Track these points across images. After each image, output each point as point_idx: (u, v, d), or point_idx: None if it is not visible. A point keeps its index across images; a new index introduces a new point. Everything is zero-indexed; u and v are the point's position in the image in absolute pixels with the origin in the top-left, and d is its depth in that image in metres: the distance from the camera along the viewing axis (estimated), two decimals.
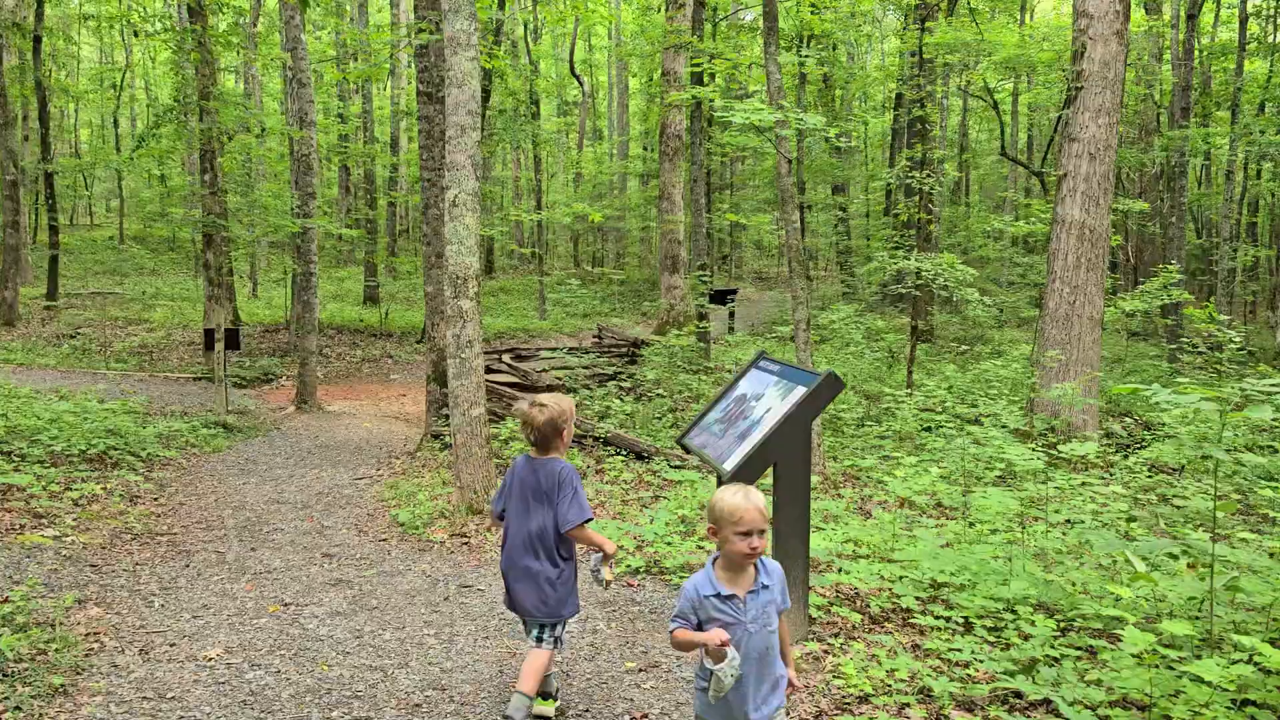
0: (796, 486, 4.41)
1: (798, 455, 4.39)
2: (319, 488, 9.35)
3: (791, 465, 4.39)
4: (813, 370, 4.57)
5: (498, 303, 28.67)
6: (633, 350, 17.38)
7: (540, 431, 4.00)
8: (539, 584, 3.92)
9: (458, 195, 7.22)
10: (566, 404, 4.06)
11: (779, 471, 4.40)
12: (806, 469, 4.41)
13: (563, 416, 4.00)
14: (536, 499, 3.97)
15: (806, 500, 4.43)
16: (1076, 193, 10.87)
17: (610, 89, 49.30)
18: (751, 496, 2.90)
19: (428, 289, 11.16)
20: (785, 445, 4.36)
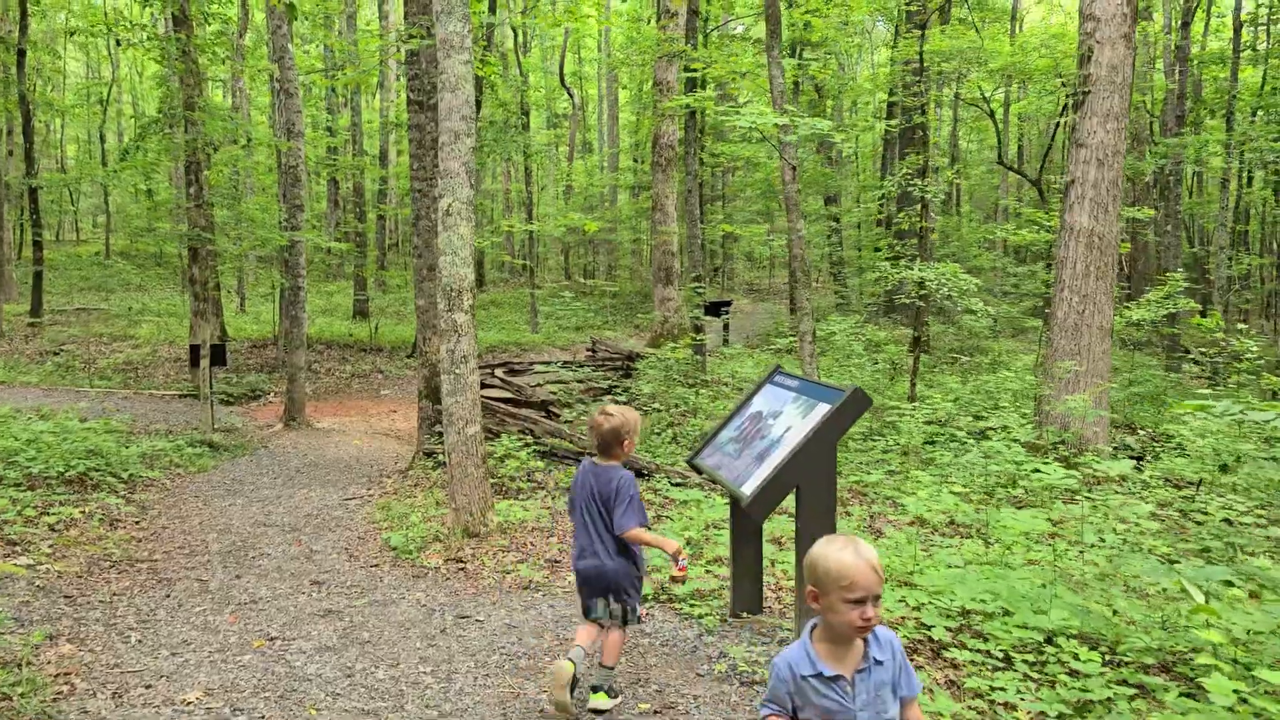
0: (821, 512, 4.10)
1: (822, 478, 4.08)
2: (308, 509, 9.00)
3: (816, 489, 4.09)
4: (835, 386, 4.27)
5: (489, 316, 28.34)
6: (627, 363, 17.08)
7: (604, 438, 4.23)
8: (605, 574, 4.20)
9: (451, 204, 6.91)
10: (633, 416, 4.26)
11: (802, 496, 4.09)
12: (832, 493, 4.10)
13: (626, 427, 4.21)
14: (598, 502, 4.21)
15: (833, 528, 4.12)
16: (1085, 199, 10.62)
17: (600, 101, 49.12)
18: (863, 552, 2.40)
19: (419, 302, 10.84)
20: (809, 467, 4.06)
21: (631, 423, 4.22)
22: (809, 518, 4.10)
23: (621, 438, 4.19)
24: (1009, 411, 10.54)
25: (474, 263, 7.09)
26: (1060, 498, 8.01)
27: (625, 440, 4.21)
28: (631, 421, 4.23)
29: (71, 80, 43.57)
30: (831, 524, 4.12)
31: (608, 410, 4.26)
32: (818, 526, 4.10)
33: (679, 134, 22.79)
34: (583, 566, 4.27)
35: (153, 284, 31.24)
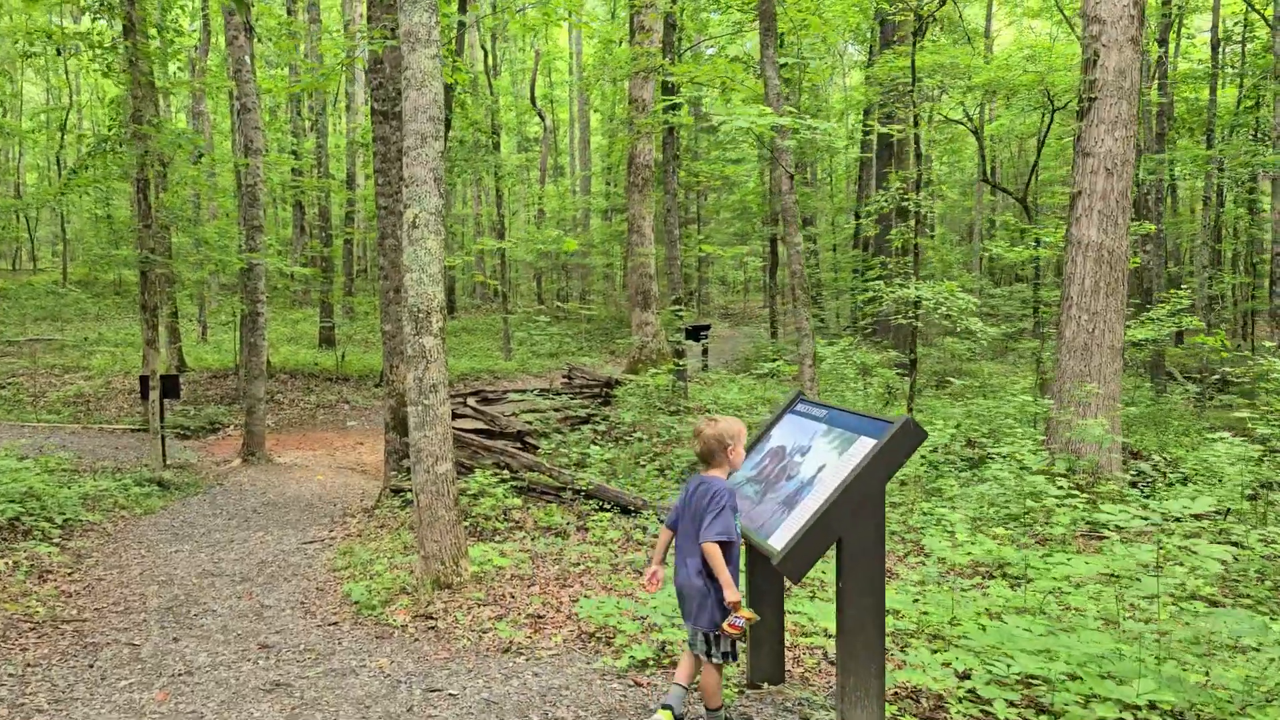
0: (869, 570, 3.39)
1: (869, 529, 3.37)
2: (262, 555, 8.17)
3: (862, 542, 3.37)
4: (875, 416, 3.57)
5: (460, 343, 27.52)
6: (606, 390, 16.38)
7: (706, 445, 4.02)
8: (702, 599, 3.91)
9: (418, 215, 6.17)
10: (737, 426, 4.04)
11: (845, 550, 3.37)
12: (880, 546, 3.39)
13: (729, 434, 3.99)
14: (694, 516, 3.96)
15: (881, 588, 3.40)
16: (1093, 212, 10.03)
17: (571, 124, 48.60)
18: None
19: (385, 328, 10.07)
20: (853, 516, 3.34)
21: (734, 430, 3.99)
22: (855, 576, 3.38)
23: (726, 444, 3.96)
24: (1018, 438, 9.88)
25: (444, 283, 6.35)
26: (1091, 533, 7.35)
27: (729, 447, 3.97)
28: (737, 431, 4.00)
29: (30, 105, 42.49)
30: (880, 584, 3.40)
31: (712, 417, 4.08)
32: (864, 587, 3.38)
33: (655, 153, 22.18)
34: (676, 576, 4.09)
35: (111, 313, 30.15)
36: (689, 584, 3.93)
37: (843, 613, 3.39)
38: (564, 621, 5.65)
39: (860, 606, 3.38)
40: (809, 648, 5.06)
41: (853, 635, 3.40)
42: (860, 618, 3.39)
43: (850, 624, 3.39)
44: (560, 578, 6.68)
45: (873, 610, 3.40)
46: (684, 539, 4.02)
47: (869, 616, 3.39)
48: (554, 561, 7.21)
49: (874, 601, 3.39)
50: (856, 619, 3.39)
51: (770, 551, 3.44)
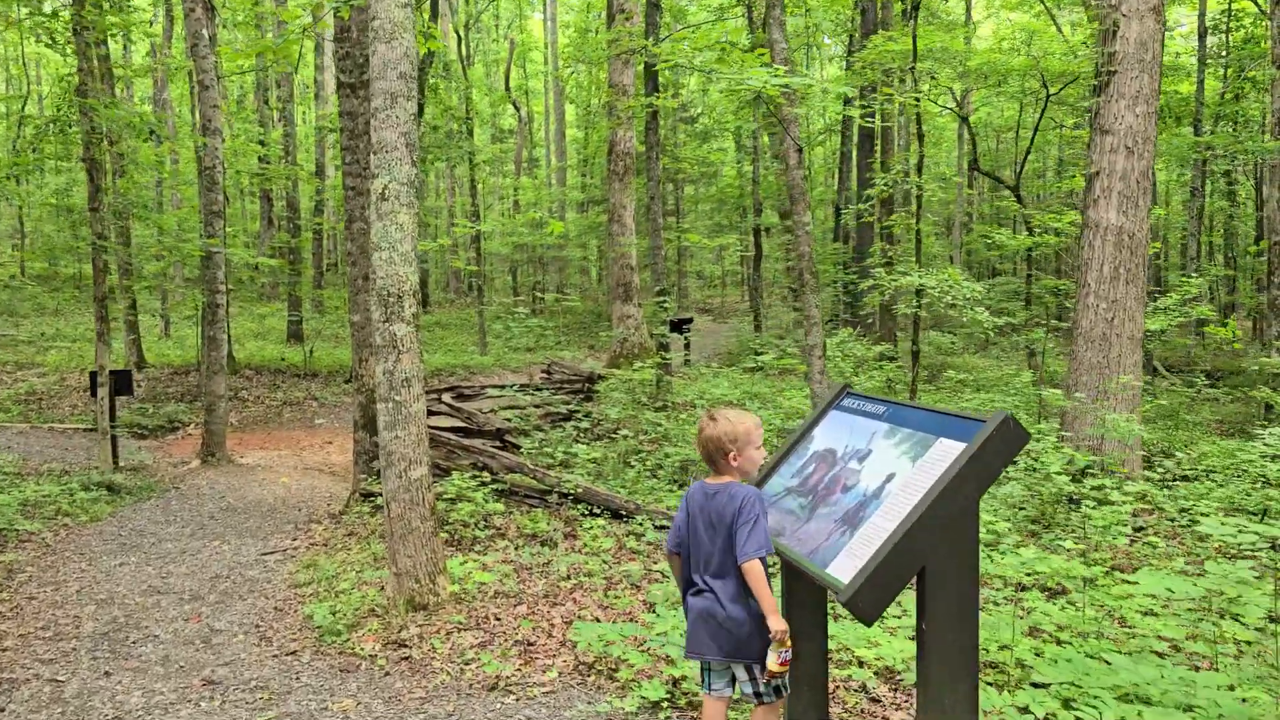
0: (961, 608, 2.69)
1: (961, 555, 2.67)
2: (216, 568, 7.39)
3: (952, 572, 2.67)
4: (959, 413, 2.87)
5: (434, 338, 26.69)
6: (588, 386, 15.68)
7: (704, 447, 3.39)
8: (719, 625, 3.28)
9: (388, 185, 5.42)
10: (743, 426, 3.34)
11: (931, 582, 2.67)
12: (974, 577, 2.69)
13: (732, 437, 3.31)
14: (710, 528, 3.32)
15: (975, 630, 2.70)
16: (1112, 193, 9.41)
17: (547, 116, 47.79)
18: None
19: (353, 318, 9.30)
20: (941, 539, 2.64)
21: (741, 434, 3.31)
22: (943, 616, 2.68)
23: (726, 450, 3.31)
24: (1034, 435, 9.24)
25: (418, 263, 5.60)
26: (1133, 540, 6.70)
27: (731, 453, 3.31)
28: (741, 432, 3.31)
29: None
30: (974, 625, 2.70)
31: (712, 413, 3.39)
32: (956, 628, 2.68)
33: (636, 142, 21.45)
34: (695, 602, 3.35)
35: (70, 308, 29.05)
36: (723, 613, 3.26)
37: (926, 659, 2.69)
38: (558, 649, 4.93)
39: (949, 653, 2.68)
40: (844, 682, 4.37)
41: (938, 689, 2.69)
42: (950, 667, 2.69)
43: (935, 675, 2.69)
44: (550, 595, 5.95)
45: (964, 658, 2.70)
46: (701, 559, 3.36)
47: (960, 666, 2.69)
48: (541, 574, 6.49)
49: (966, 647, 2.69)
50: (944, 668, 2.69)
51: (832, 584, 2.73)
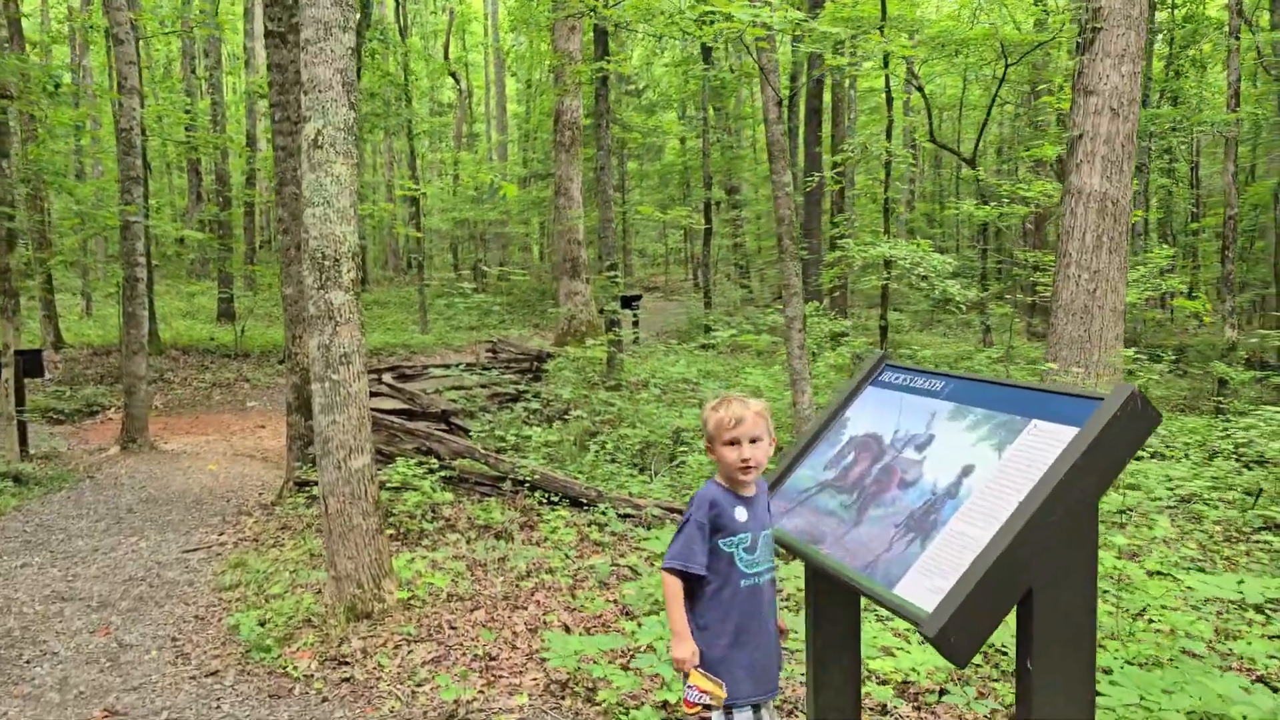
0: (1077, 640, 2.09)
1: (1080, 571, 2.07)
2: (131, 569, 6.60)
3: (1067, 593, 2.07)
4: (1068, 389, 2.26)
5: (373, 316, 25.71)
6: (536, 365, 15.03)
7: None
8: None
9: (322, 131, 4.68)
10: (710, 416, 2.78)
11: (1041, 608, 2.06)
12: (1093, 602, 2.09)
13: (709, 425, 2.77)
14: None
15: (1091, 667, 2.10)
16: (1095, 157, 8.93)
17: (487, 89, 46.69)
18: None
19: (286, 291, 8.51)
20: (1053, 551, 2.04)
21: (706, 421, 2.76)
22: (1055, 653, 2.07)
23: (709, 440, 2.78)
24: None
25: (358, 221, 4.87)
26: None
27: (709, 447, 2.78)
28: (706, 420, 2.76)
29: None
30: (1091, 662, 2.10)
31: (722, 398, 2.81)
32: (1070, 669, 2.08)
33: (582, 113, 20.68)
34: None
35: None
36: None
37: (1029, 703, 2.08)
38: (524, 665, 4.28)
39: (1062, 701, 2.08)
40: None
41: None
42: (1063, 702, 2.08)
43: (1044, 711, 2.08)
44: (510, 596, 5.29)
45: (1081, 707, 2.09)
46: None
47: (1075, 697, 2.09)
48: (498, 571, 5.83)
49: (1083, 692, 2.09)
50: (1053, 705, 2.08)
51: (909, 613, 2.11)
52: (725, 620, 2.66)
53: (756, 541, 2.70)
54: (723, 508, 2.67)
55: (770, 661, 2.74)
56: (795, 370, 6.77)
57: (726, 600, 2.67)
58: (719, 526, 2.66)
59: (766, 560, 2.73)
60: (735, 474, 2.70)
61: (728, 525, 2.66)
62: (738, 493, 2.71)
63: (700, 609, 2.70)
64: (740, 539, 2.67)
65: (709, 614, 2.68)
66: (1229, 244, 18.87)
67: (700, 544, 2.64)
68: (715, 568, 2.66)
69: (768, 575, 2.74)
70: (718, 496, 2.69)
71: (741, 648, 2.67)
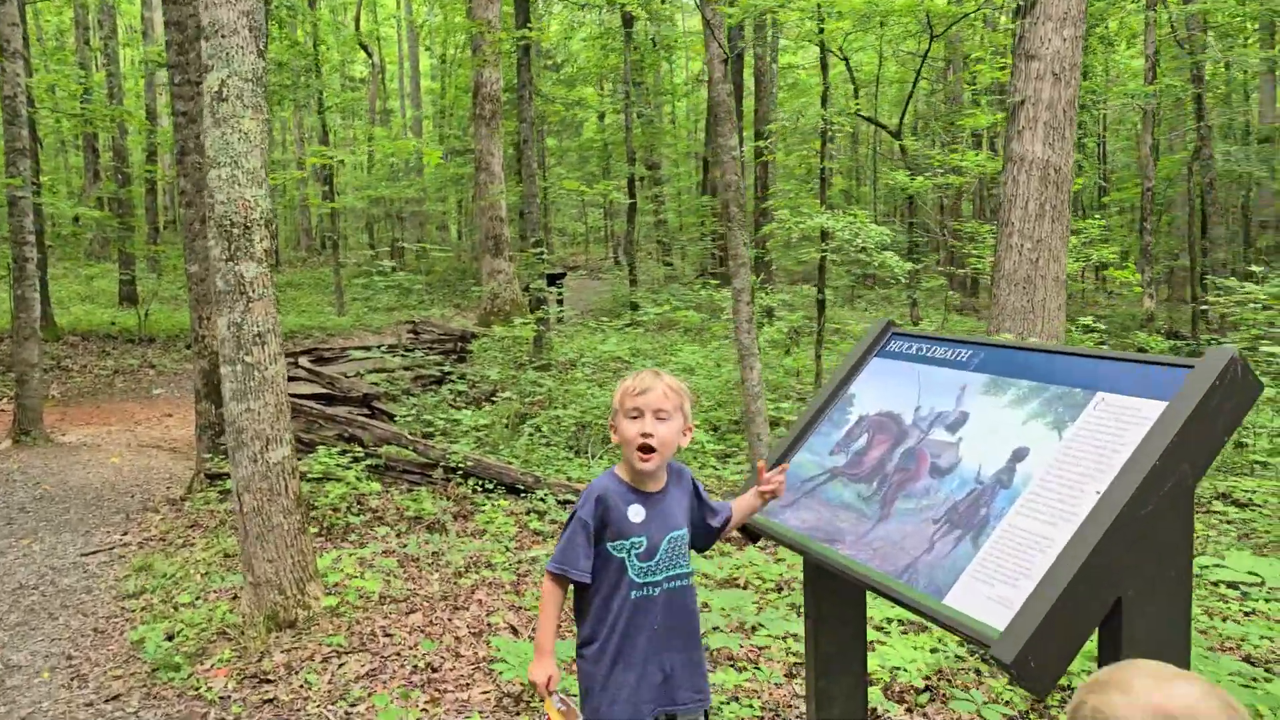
0: (1170, 653, 1.73)
1: (1174, 573, 1.72)
2: (22, 575, 5.97)
3: (1162, 600, 1.72)
4: (1142, 356, 1.91)
5: (286, 298, 24.75)
6: (461, 345, 14.48)
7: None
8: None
9: (227, 81, 4.14)
10: (621, 389, 2.38)
11: (1131, 619, 1.71)
12: (1188, 606, 1.75)
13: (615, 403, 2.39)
14: None
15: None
16: (1038, 123, 8.74)
17: (400, 64, 45.48)
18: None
19: (190, 269, 7.87)
20: (1145, 551, 1.69)
21: (621, 386, 2.39)
22: (1146, 655, 1.73)
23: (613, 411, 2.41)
24: None
25: (268, 186, 4.34)
26: None
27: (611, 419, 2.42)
28: (623, 385, 2.38)
29: None
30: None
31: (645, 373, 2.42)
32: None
33: (504, 81, 20.05)
34: None
35: None
36: None
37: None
38: (471, 676, 3.85)
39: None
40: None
41: None
42: None
43: None
44: (449, 596, 4.85)
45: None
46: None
47: None
48: (433, 568, 5.38)
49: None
50: None
51: (973, 631, 1.74)
52: (609, 636, 2.27)
53: (656, 546, 2.30)
54: (612, 505, 2.28)
55: (670, 682, 2.30)
56: (743, 345, 6.42)
57: (614, 612, 2.27)
58: (606, 525, 2.27)
59: (671, 568, 2.32)
60: (634, 456, 2.29)
61: (616, 525, 2.27)
62: (638, 486, 2.32)
63: (586, 621, 2.32)
64: (634, 543, 2.28)
65: (593, 626, 2.30)
66: (1147, 216, 19.13)
67: (584, 545, 2.26)
68: (603, 573, 2.28)
69: (671, 584, 2.31)
70: (609, 491, 2.30)
71: (628, 668, 2.26)
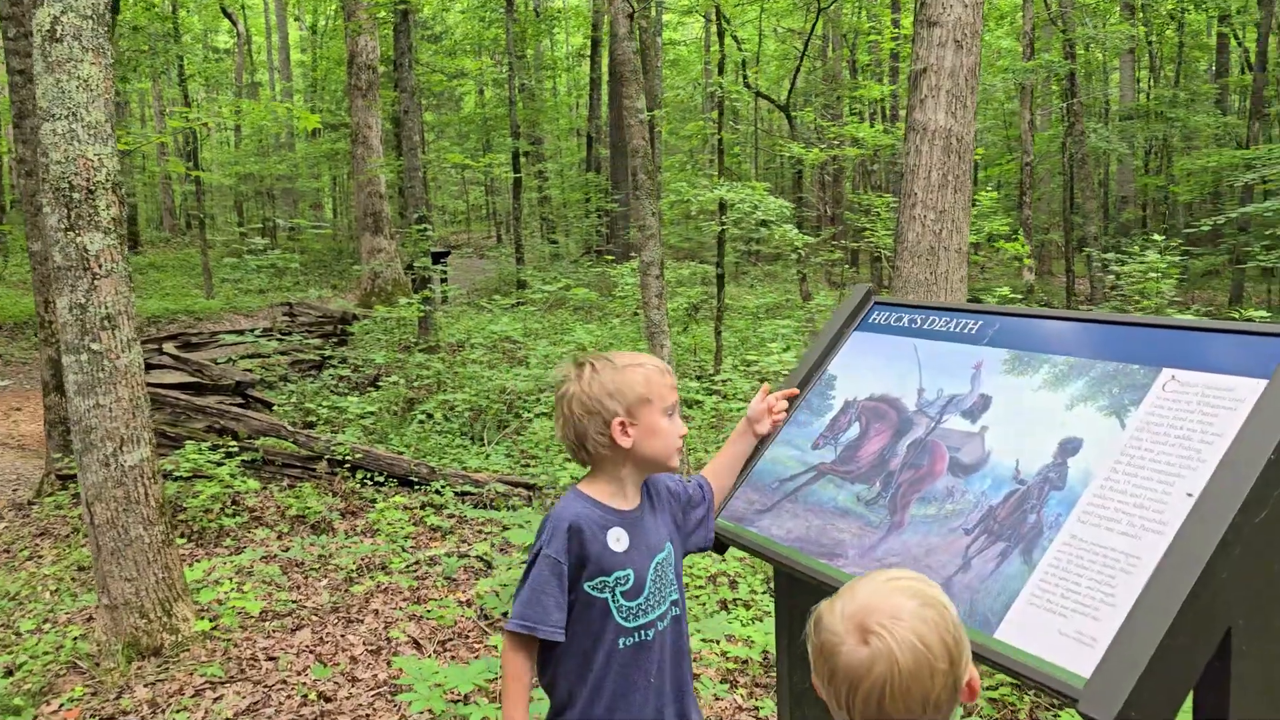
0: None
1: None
2: None
3: (1273, 627, 1.37)
4: (1219, 324, 1.56)
5: (148, 281, 23.31)
6: (341, 327, 13.79)
7: (562, 424, 1.87)
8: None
9: (61, 18, 3.50)
10: (651, 367, 1.85)
11: (1242, 653, 1.36)
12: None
13: (583, 397, 1.81)
14: None
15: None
16: (940, 92, 8.45)
17: (268, 35, 43.45)
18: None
19: (33, 247, 7.06)
20: (1257, 571, 1.33)
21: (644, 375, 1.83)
22: (1259, 707, 1.38)
23: (579, 427, 1.83)
24: None
25: (115, 144, 3.72)
26: None
27: (582, 428, 1.83)
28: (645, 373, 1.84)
29: None
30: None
31: (581, 361, 1.87)
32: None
33: (379, 51, 19.15)
34: None
35: None
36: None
37: None
38: (371, 706, 3.36)
39: None
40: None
41: None
42: None
43: None
44: (340, 608, 4.33)
45: None
46: None
47: None
48: (321, 573, 4.84)
49: None
50: None
51: (1043, 675, 1.37)
52: (593, 699, 1.78)
53: (643, 578, 1.83)
54: (589, 535, 1.78)
55: None
56: (653, 322, 6.03)
57: (597, 669, 1.78)
58: (584, 562, 1.78)
59: (662, 601, 1.86)
60: (672, 458, 1.86)
61: (596, 560, 1.78)
62: (615, 505, 1.84)
63: (559, 680, 1.82)
64: (618, 578, 1.80)
65: (571, 686, 1.80)
66: (1026, 190, 19.48)
67: (557, 593, 1.76)
68: (580, 623, 1.79)
69: (663, 622, 1.86)
70: (583, 518, 1.79)
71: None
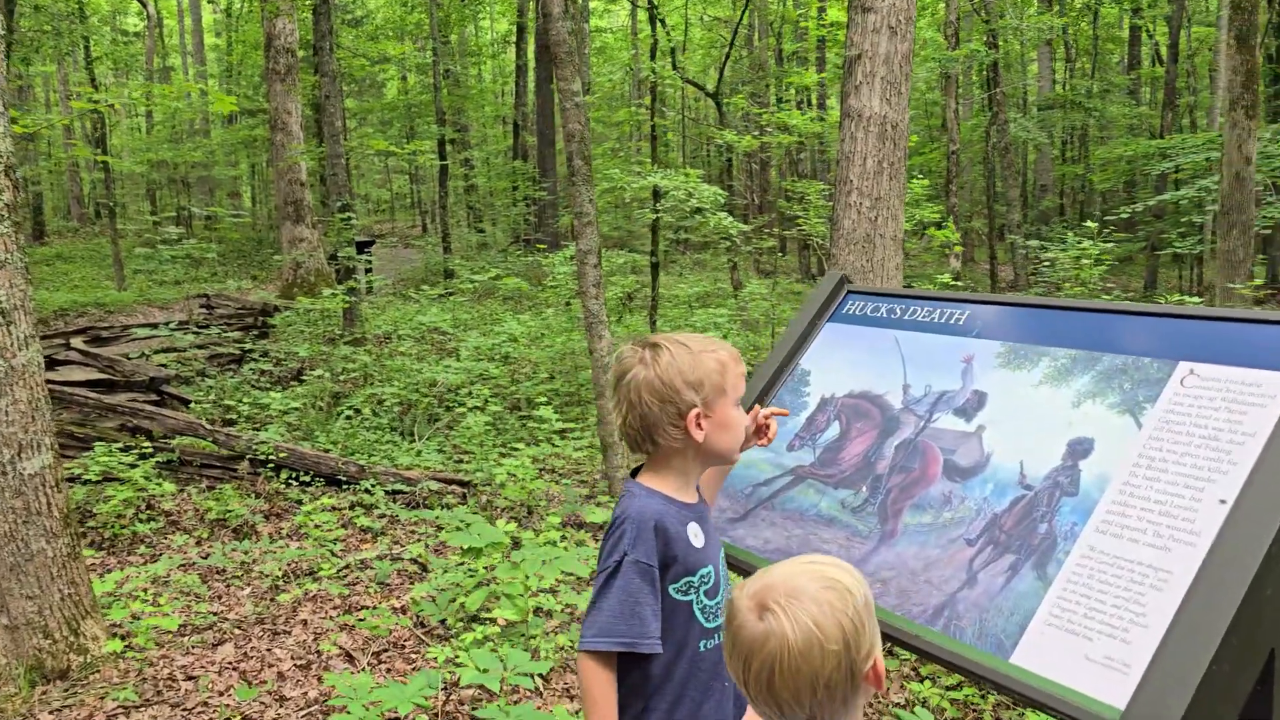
0: None
1: None
2: None
3: None
4: (1241, 313, 1.43)
5: (55, 272, 22.41)
6: (261, 320, 13.35)
7: (629, 408, 1.64)
8: None
9: None
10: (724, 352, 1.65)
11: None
12: None
13: (656, 383, 1.59)
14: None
15: None
16: (875, 78, 8.39)
17: (180, 18, 42.10)
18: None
19: None
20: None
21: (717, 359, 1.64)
22: None
23: (650, 420, 1.62)
24: None
25: (8, 123, 3.40)
26: None
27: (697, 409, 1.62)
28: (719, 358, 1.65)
29: None
30: None
31: (640, 341, 1.67)
32: None
33: (301, 34, 18.58)
34: None
35: None
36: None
37: None
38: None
39: None
40: None
41: None
42: None
43: None
44: (266, 619, 4.07)
45: None
46: None
47: None
48: (244, 582, 4.56)
49: None
50: None
51: (1068, 705, 1.22)
52: (675, 706, 1.61)
53: (720, 574, 1.68)
54: (674, 533, 1.60)
55: None
56: (591, 312, 5.84)
57: (680, 676, 1.61)
58: (669, 563, 1.60)
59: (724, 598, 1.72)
60: (735, 453, 1.69)
61: (683, 559, 1.61)
62: (685, 497, 1.66)
63: (635, 694, 1.62)
64: (702, 576, 1.63)
65: (648, 700, 1.62)
66: (952, 179, 19.68)
67: (653, 601, 1.56)
68: (666, 629, 1.60)
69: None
70: (663, 515, 1.61)
71: None
